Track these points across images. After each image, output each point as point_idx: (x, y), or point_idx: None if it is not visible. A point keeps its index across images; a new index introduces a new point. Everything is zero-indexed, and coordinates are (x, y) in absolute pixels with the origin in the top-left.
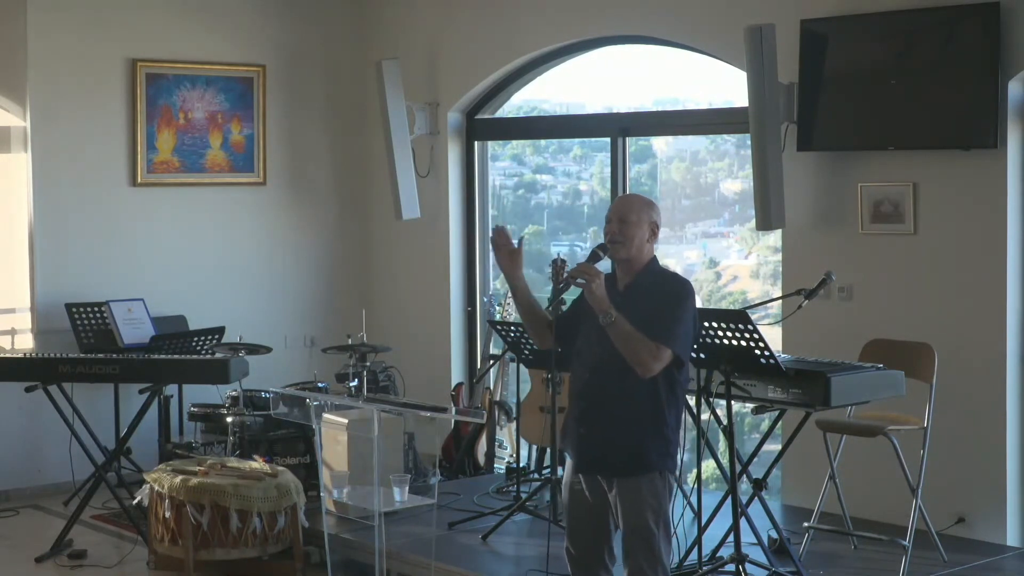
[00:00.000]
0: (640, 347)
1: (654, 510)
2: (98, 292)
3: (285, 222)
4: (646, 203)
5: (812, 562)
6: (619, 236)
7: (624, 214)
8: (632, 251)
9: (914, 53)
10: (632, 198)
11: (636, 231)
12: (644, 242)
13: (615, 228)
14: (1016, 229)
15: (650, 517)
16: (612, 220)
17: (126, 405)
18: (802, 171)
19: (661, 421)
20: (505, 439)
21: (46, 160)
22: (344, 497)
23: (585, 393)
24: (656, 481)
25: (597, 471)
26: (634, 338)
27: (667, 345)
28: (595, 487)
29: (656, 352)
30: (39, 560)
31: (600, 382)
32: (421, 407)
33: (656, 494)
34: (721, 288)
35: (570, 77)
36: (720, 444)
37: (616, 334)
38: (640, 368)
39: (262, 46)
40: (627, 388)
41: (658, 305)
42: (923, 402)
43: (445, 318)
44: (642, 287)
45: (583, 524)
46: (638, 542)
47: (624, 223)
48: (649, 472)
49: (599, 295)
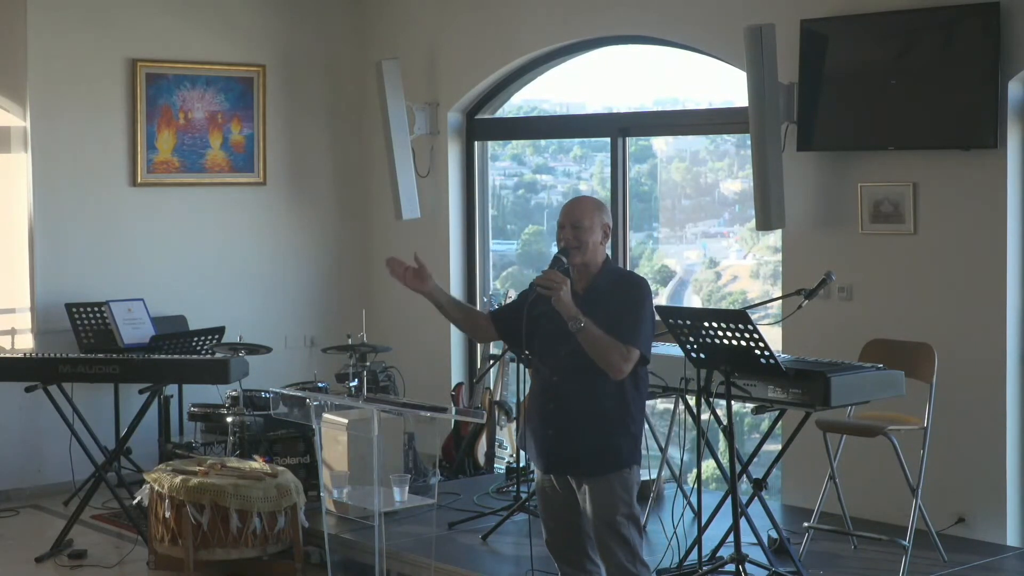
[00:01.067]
0: (611, 350)
1: (625, 503)
2: (98, 292)
3: (285, 222)
4: (597, 205)
5: (812, 562)
6: (574, 241)
7: (577, 219)
8: (587, 255)
9: (914, 53)
10: (583, 201)
11: (590, 236)
12: (598, 244)
13: (569, 234)
14: (1016, 229)
15: (622, 509)
16: (565, 226)
17: (126, 405)
18: (802, 171)
19: (628, 418)
20: (505, 439)
21: (46, 160)
22: (344, 497)
23: (554, 395)
24: (626, 475)
25: (567, 471)
26: (604, 342)
27: (635, 346)
28: (565, 484)
29: (627, 354)
30: (39, 560)
31: (567, 384)
32: (421, 407)
33: (627, 488)
34: (721, 288)
35: (570, 77)
36: (720, 444)
37: (586, 339)
38: (612, 371)
39: (262, 46)
40: (595, 389)
41: (620, 307)
42: (923, 402)
43: (445, 318)
44: (601, 290)
45: (560, 520)
46: (612, 536)
47: (578, 228)
48: (620, 468)
49: (567, 301)
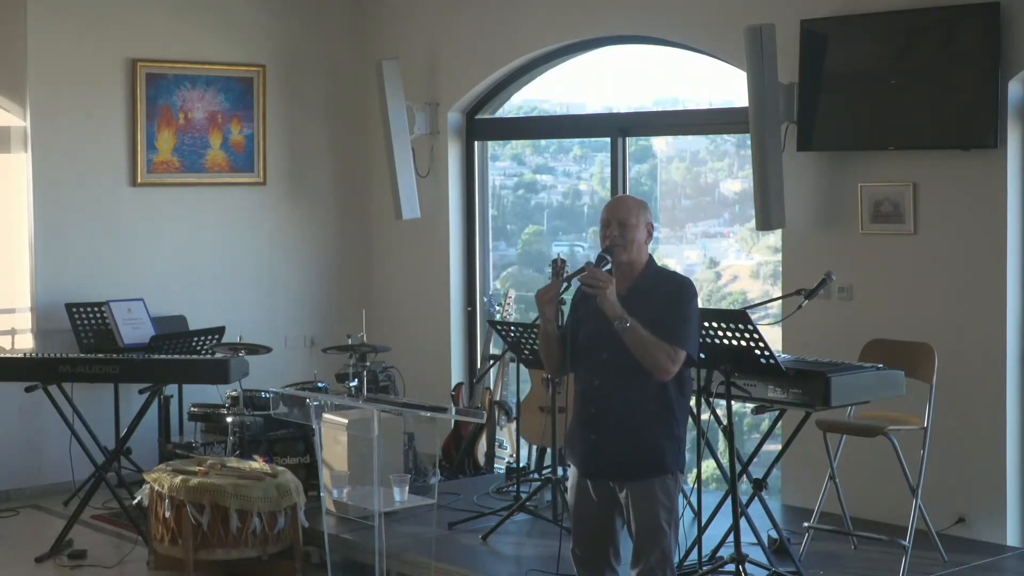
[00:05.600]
0: (658, 351)
1: (667, 509)
2: (98, 292)
3: (285, 222)
4: (641, 205)
5: (812, 562)
6: (620, 240)
7: (623, 217)
8: (632, 254)
9: (914, 53)
10: (628, 200)
11: (635, 233)
12: (643, 244)
13: (615, 232)
14: (1016, 229)
15: (663, 517)
16: (611, 224)
17: (126, 405)
18: (802, 171)
19: (673, 421)
20: (505, 439)
21: (46, 160)
22: (344, 497)
23: (595, 398)
24: (668, 481)
25: (609, 476)
26: (650, 343)
27: (682, 347)
28: (603, 489)
29: (673, 355)
30: (39, 560)
31: (611, 387)
32: (421, 407)
33: (669, 494)
34: (721, 288)
35: (570, 77)
36: (720, 444)
37: (632, 340)
38: (659, 372)
39: (262, 46)
40: (639, 392)
41: (665, 307)
42: (923, 402)
43: (445, 318)
44: (645, 289)
45: (589, 525)
46: (650, 543)
47: (624, 226)
48: (663, 474)
49: (612, 300)
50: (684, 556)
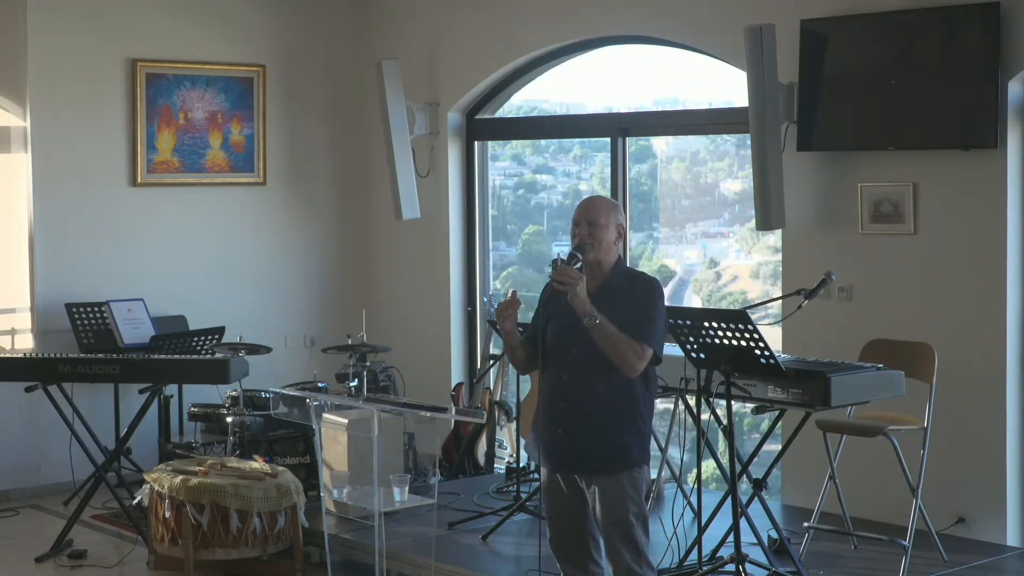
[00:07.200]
0: (626, 348)
1: (635, 502)
2: (98, 292)
3: (285, 222)
4: (612, 205)
5: (812, 562)
6: (589, 239)
7: (593, 217)
8: (601, 253)
9: (914, 53)
10: (599, 200)
11: (605, 233)
12: (612, 244)
13: (585, 231)
14: (1016, 229)
15: (632, 510)
16: (581, 223)
17: (126, 405)
18: (802, 171)
19: (639, 417)
20: (505, 439)
21: (46, 160)
22: (344, 497)
23: (564, 393)
24: (635, 475)
25: (576, 471)
26: (619, 339)
27: (649, 344)
28: (572, 484)
29: (640, 351)
30: (39, 560)
31: (579, 383)
32: (421, 407)
33: (636, 487)
34: (721, 288)
35: (570, 77)
36: (720, 444)
37: (601, 336)
38: (626, 368)
39: (262, 46)
40: (608, 388)
41: (633, 306)
42: (923, 402)
43: (445, 318)
44: (614, 289)
45: (565, 518)
46: (619, 536)
47: (593, 226)
48: (630, 468)
49: (583, 297)
50: (684, 556)
